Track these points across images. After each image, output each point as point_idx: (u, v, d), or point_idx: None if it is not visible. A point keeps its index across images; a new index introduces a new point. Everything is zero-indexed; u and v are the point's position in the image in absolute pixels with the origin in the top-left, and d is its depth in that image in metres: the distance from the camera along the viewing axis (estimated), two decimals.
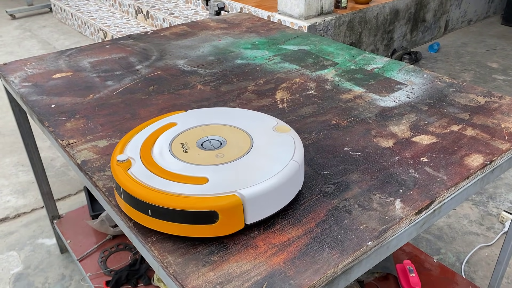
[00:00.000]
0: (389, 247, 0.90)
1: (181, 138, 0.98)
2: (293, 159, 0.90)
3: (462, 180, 1.01)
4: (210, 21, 2.14)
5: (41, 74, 1.58)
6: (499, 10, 5.36)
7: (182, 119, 1.07)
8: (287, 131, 1.00)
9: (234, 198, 0.80)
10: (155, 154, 0.93)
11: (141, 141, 0.98)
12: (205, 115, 1.08)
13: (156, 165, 0.89)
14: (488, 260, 2.00)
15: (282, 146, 0.95)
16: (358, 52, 1.73)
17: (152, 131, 1.01)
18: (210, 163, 0.89)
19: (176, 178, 0.86)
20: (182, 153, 0.93)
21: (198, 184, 0.84)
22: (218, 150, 0.94)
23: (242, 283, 0.76)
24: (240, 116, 1.07)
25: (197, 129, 1.02)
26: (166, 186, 0.83)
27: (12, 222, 2.31)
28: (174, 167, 0.89)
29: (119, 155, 0.92)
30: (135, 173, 0.87)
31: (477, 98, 1.38)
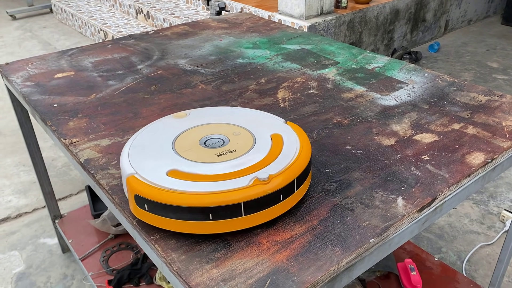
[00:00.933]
0: (391, 245, 0.90)
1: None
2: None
3: (463, 178, 1.02)
4: (211, 21, 2.15)
5: (43, 74, 1.59)
6: (499, 9, 5.37)
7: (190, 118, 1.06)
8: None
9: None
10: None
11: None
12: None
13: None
14: (489, 259, 2.00)
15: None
16: (359, 52, 1.73)
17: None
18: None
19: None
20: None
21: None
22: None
23: (245, 279, 0.76)
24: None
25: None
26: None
27: (14, 222, 2.31)
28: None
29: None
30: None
31: (478, 96, 1.38)
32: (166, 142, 0.97)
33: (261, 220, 0.85)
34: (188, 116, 1.08)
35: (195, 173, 0.87)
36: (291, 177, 0.86)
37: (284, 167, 0.87)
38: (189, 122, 1.06)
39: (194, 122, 1.05)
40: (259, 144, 0.96)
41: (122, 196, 0.97)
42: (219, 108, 1.12)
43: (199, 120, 1.06)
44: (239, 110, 1.11)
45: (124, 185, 0.93)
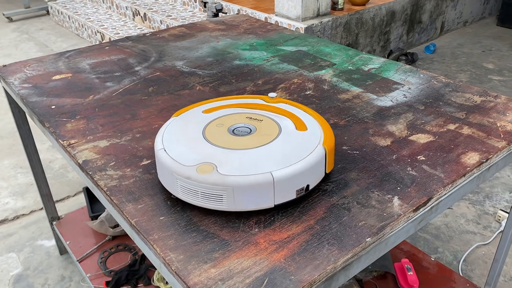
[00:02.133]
0: (388, 244, 0.91)
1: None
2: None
3: (458, 177, 1.03)
4: (208, 23, 2.16)
5: (40, 76, 1.59)
6: (494, 11, 5.40)
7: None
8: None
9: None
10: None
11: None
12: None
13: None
14: (485, 259, 2.01)
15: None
16: (355, 53, 1.74)
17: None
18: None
19: None
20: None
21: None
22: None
23: (243, 279, 0.77)
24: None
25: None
26: None
27: (11, 224, 2.31)
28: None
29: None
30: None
31: (473, 97, 1.39)
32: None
33: None
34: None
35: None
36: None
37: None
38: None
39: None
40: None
41: (120, 197, 0.98)
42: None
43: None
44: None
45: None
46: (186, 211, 0.93)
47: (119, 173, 1.06)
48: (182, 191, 0.90)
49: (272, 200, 0.89)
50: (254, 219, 0.90)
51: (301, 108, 1.10)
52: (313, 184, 0.95)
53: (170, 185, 0.93)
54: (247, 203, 0.87)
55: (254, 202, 0.88)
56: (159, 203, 0.96)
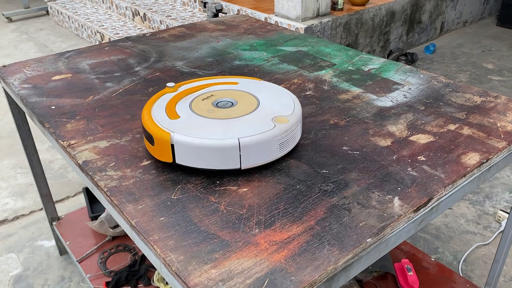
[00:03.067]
0: (388, 244, 0.91)
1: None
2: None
3: (459, 178, 1.03)
4: (208, 23, 2.16)
5: (40, 76, 1.59)
6: (494, 11, 5.40)
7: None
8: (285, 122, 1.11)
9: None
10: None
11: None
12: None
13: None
14: (485, 259, 2.01)
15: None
16: (355, 53, 1.74)
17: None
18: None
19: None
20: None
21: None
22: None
23: (244, 279, 0.77)
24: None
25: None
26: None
27: (11, 224, 2.31)
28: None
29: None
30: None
31: (473, 97, 1.39)
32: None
33: None
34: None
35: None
36: None
37: None
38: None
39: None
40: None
41: (120, 197, 0.98)
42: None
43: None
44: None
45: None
46: (186, 212, 0.93)
47: (119, 174, 1.05)
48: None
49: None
50: (255, 220, 0.90)
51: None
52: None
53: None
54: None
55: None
56: (159, 203, 0.96)
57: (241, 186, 1.00)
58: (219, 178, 1.03)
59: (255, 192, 0.98)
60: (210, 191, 0.99)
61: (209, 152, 1.00)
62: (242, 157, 1.01)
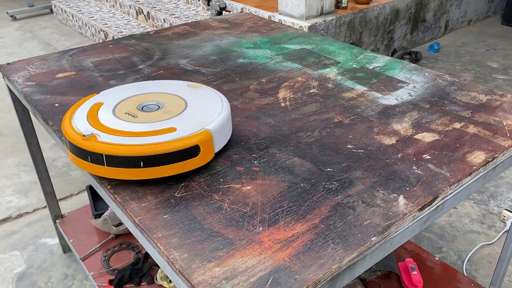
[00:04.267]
0: (393, 243, 0.90)
1: (121, 109, 1.13)
2: (223, 101, 1.14)
3: (464, 176, 1.02)
4: (212, 21, 2.15)
5: (44, 74, 1.59)
6: (499, 10, 5.37)
7: (106, 96, 1.20)
8: (199, 87, 1.16)
9: (207, 132, 1.01)
10: (113, 125, 1.05)
11: (85, 119, 1.08)
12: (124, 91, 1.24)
13: (123, 132, 1.02)
14: (490, 259, 2.00)
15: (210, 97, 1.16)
16: (359, 51, 1.73)
17: (87, 110, 1.13)
18: (164, 119, 1.07)
19: (148, 134, 1.00)
20: (134, 118, 1.08)
21: (169, 132, 1.00)
22: (161, 110, 1.11)
23: (247, 278, 0.76)
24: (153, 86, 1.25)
25: (130, 99, 1.18)
26: (147, 140, 0.98)
27: (15, 222, 2.31)
28: (139, 127, 1.03)
29: (83, 131, 1.02)
30: (110, 141, 0.98)
31: (478, 96, 1.38)
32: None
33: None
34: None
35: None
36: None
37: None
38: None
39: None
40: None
41: (124, 195, 0.97)
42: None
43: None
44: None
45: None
46: (190, 210, 0.93)
47: None
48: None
49: None
50: (258, 218, 0.90)
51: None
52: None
53: None
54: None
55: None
56: (162, 201, 0.95)
57: (245, 184, 1.00)
58: (223, 176, 1.03)
59: (259, 190, 0.98)
60: (213, 189, 0.99)
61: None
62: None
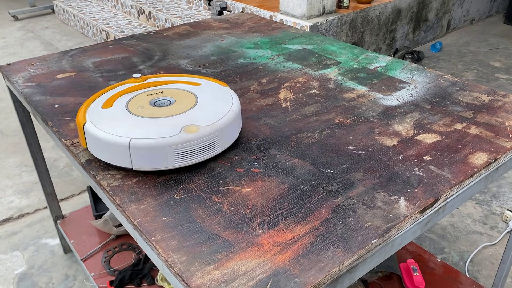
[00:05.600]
0: (394, 245, 0.90)
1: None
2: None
3: (466, 178, 1.01)
4: (213, 21, 2.14)
5: (44, 75, 1.59)
6: (501, 9, 5.35)
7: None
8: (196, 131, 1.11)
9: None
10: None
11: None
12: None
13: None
14: (492, 259, 1.99)
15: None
16: (361, 51, 1.73)
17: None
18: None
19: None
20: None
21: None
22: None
23: (247, 281, 0.76)
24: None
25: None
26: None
27: (16, 223, 2.31)
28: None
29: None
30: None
31: (480, 96, 1.37)
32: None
33: None
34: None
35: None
36: None
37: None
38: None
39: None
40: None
41: (123, 197, 0.97)
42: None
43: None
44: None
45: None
46: (189, 212, 0.92)
47: (122, 173, 1.05)
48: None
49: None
50: (258, 220, 0.89)
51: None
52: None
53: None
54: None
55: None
56: (162, 203, 0.95)
57: (245, 186, 0.99)
58: (222, 178, 1.02)
59: (258, 192, 0.97)
60: (213, 191, 0.98)
61: (105, 146, 1.02)
62: (133, 158, 1.00)
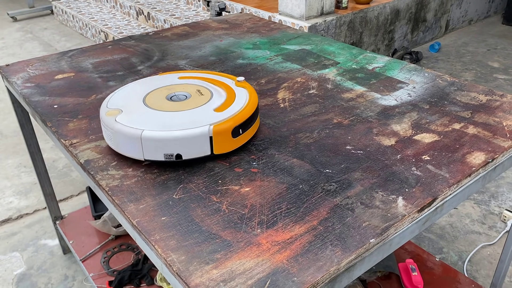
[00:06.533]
0: (392, 245, 0.90)
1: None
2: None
3: (464, 177, 1.01)
4: (211, 22, 2.15)
5: (43, 75, 1.59)
6: (499, 9, 5.36)
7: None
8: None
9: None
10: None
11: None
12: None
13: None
14: (491, 259, 2.00)
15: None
16: (359, 52, 1.73)
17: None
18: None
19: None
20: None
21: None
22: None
23: (245, 280, 0.76)
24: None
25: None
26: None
27: (15, 223, 2.31)
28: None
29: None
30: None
31: (478, 96, 1.38)
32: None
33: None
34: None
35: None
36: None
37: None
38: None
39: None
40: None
41: (122, 197, 0.97)
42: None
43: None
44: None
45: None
46: (188, 211, 0.92)
47: (121, 173, 1.05)
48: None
49: (142, 155, 1.04)
50: (257, 220, 0.90)
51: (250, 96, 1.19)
52: (189, 155, 1.04)
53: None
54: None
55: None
56: (160, 203, 0.95)
57: (243, 186, 0.99)
58: (221, 177, 1.02)
59: (257, 192, 0.97)
60: (212, 190, 0.98)
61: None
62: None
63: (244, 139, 1.11)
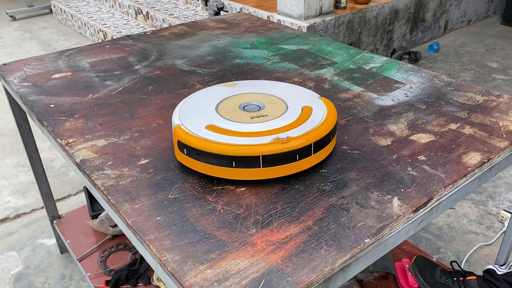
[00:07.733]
0: (387, 245, 0.90)
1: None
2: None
3: (459, 178, 1.01)
4: (209, 21, 2.15)
5: (40, 74, 1.59)
6: (498, 10, 5.36)
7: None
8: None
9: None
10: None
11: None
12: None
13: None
14: (488, 259, 2.00)
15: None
16: (356, 52, 1.73)
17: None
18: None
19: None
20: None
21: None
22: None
23: (240, 280, 0.76)
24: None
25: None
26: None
27: (12, 223, 2.31)
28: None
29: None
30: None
31: (475, 96, 1.38)
32: (211, 104, 1.14)
33: (275, 174, 0.98)
34: (236, 85, 1.26)
35: (227, 128, 1.02)
36: (308, 141, 0.98)
37: (305, 132, 1.00)
38: (235, 90, 1.23)
39: (238, 91, 1.22)
40: (290, 112, 1.09)
41: (117, 196, 0.97)
42: (263, 81, 1.29)
43: (243, 89, 1.23)
44: (280, 84, 1.26)
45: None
46: (183, 211, 0.92)
47: (116, 173, 1.05)
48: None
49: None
50: (252, 220, 0.89)
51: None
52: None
53: None
54: None
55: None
56: (156, 203, 0.95)
57: (239, 186, 0.99)
58: (217, 177, 1.02)
59: (252, 192, 0.97)
60: (207, 190, 0.98)
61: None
62: None
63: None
